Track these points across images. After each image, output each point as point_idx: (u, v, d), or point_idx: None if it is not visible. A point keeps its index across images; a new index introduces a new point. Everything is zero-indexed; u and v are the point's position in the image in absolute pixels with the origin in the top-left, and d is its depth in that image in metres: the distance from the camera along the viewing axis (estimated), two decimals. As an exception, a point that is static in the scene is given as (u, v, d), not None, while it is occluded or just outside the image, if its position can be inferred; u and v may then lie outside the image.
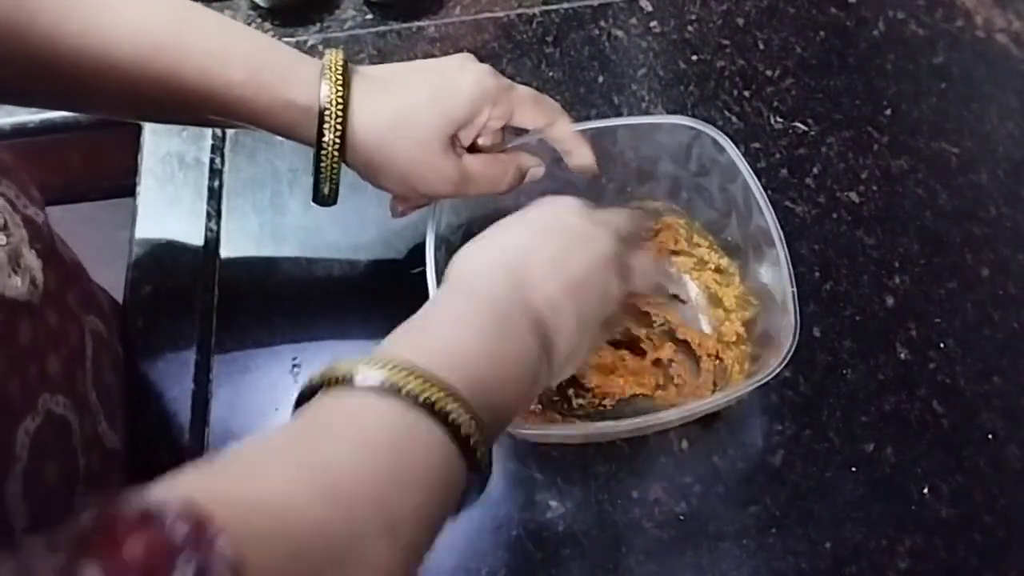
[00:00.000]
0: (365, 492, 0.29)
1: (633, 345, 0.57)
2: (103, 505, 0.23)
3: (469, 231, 0.56)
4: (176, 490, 0.24)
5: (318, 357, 0.57)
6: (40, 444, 0.37)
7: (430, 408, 0.31)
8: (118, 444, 0.48)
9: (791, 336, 0.47)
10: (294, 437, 0.31)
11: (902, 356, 0.56)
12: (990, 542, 0.50)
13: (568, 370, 0.43)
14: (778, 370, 0.46)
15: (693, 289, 0.59)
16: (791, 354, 0.47)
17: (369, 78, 0.48)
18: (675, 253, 0.60)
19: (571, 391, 0.55)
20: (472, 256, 0.42)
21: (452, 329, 0.37)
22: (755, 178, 0.52)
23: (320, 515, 0.27)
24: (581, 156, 0.52)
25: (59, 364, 0.40)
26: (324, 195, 0.51)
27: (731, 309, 0.57)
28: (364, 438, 0.31)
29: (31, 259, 0.39)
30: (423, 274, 0.49)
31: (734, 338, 0.56)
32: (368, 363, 0.32)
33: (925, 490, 0.52)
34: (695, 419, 0.54)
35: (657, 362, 0.56)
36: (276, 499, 0.27)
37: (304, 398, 0.34)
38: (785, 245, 0.50)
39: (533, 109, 0.50)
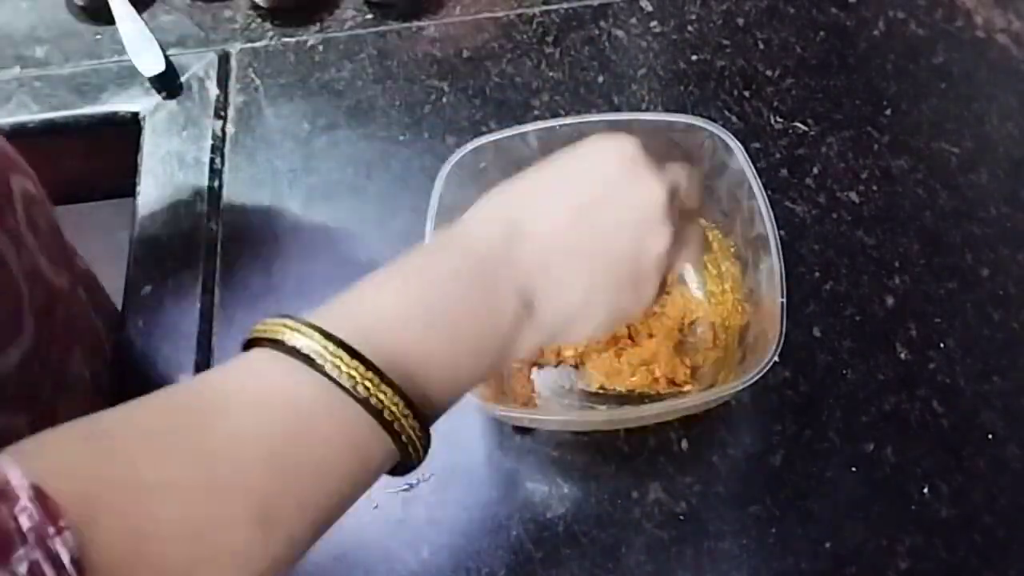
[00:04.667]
0: (245, 483, 0.28)
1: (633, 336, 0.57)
2: None
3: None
4: (37, 462, 0.24)
5: (318, 357, 0.57)
6: None
7: (351, 391, 0.30)
8: (66, 285, 0.46)
9: (773, 346, 0.46)
10: (193, 411, 0.29)
11: (902, 356, 0.56)
12: (990, 542, 0.50)
13: (575, 332, 0.38)
14: (753, 380, 0.46)
15: (693, 281, 0.59)
16: (769, 366, 0.46)
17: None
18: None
19: (579, 384, 0.56)
20: (483, 201, 0.38)
21: (404, 288, 0.34)
22: (761, 185, 0.51)
23: (189, 509, 0.26)
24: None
25: None
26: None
27: (727, 315, 0.57)
28: (262, 418, 0.29)
29: None
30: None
31: (725, 342, 0.56)
32: (298, 330, 0.31)
33: (925, 490, 0.52)
34: (694, 419, 0.54)
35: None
36: (142, 488, 0.26)
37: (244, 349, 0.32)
38: (781, 255, 0.49)
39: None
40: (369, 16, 0.75)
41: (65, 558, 0.22)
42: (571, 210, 0.37)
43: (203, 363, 0.58)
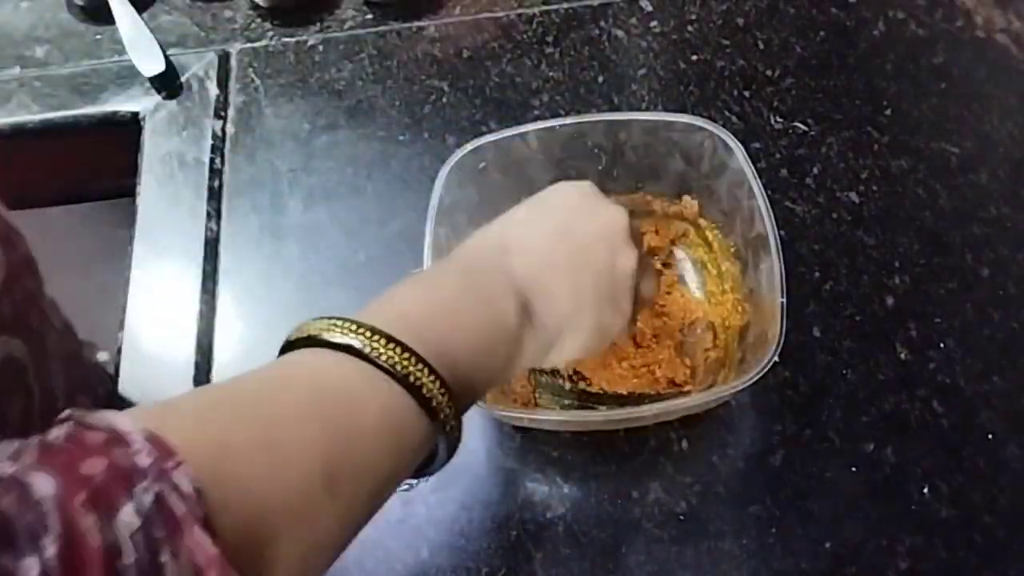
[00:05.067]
0: (308, 446, 0.30)
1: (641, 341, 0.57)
2: (75, 422, 0.24)
3: (469, 209, 0.56)
4: (142, 421, 0.26)
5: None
6: None
7: (391, 370, 0.32)
8: (13, 222, 0.45)
9: (773, 346, 0.47)
10: (253, 388, 0.32)
11: (902, 356, 0.56)
12: (990, 542, 0.50)
13: (568, 342, 0.42)
14: (753, 380, 0.46)
15: (693, 281, 0.60)
16: (769, 366, 0.46)
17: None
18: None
19: (580, 385, 0.56)
20: (470, 239, 0.43)
21: (421, 295, 0.38)
22: (760, 185, 0.51)
23: (259, 467, 0.28)
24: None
25: None
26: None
27: (727, 315, 0.57)
28: (318, 394, 0.32)
29: None
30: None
31: (725, 343, 0.56)
32: (336, 326, 0.33)
33: (925, 490, 0.52)
34: (694, 419, 0.54)
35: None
36: (229, 445, 0.28)
37: (282, 353, 0.35)
38: (781, 255, 0.49)
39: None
40: (369, 16, 0.75)
41: (187, 487, 0.24)
42: (548, 235, 0.42)
43: (203, 363, 0.58)
